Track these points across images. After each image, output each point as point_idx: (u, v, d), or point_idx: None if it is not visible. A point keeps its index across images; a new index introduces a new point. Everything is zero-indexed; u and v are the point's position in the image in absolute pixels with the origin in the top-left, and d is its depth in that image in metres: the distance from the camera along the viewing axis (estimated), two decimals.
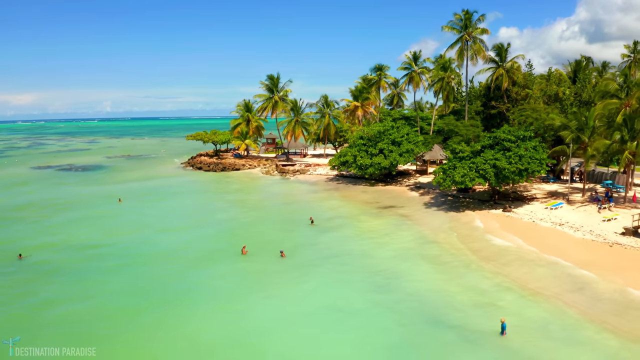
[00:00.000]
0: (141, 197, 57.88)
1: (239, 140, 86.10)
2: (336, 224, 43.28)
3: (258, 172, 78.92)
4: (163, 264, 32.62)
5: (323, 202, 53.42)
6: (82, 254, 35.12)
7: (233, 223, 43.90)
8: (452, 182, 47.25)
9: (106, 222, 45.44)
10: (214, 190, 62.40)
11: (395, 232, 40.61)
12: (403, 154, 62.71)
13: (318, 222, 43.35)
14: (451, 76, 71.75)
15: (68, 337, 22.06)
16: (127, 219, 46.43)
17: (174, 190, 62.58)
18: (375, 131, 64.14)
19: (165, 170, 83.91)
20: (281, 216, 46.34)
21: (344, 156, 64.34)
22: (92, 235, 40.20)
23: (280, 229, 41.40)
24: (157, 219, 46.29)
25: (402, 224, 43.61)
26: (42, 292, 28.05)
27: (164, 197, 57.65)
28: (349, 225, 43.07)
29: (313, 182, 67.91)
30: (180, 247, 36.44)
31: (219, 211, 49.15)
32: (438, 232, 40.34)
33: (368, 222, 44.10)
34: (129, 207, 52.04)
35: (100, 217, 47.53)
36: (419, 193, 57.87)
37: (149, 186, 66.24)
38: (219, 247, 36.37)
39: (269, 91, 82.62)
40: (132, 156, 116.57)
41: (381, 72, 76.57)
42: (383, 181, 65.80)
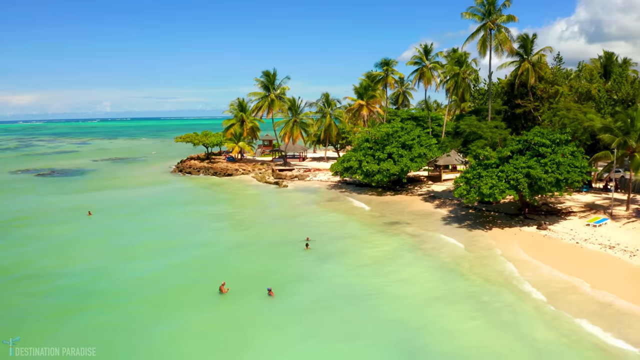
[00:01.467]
0: (115, 210, 50.42)
1: (232, 142, 78.64)
2: (337, 247, 35.76)
3: (252, 178, 71.44)
4: (115, 309, 25.12)
5: (323, 217, 45.92)
6: (13, 289, 27.69)
7: (215, 247, 36.33)
8: (478, 194, 39.76)
9: (64, 242, 38.00)
10: (200, 201, 54.85)
11: (410, 261, 33.11)
12: (415, 159, 55.27)
13: (316, 244, 35.87)
14: (467, 72, 64.20)
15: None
16: (90, 239, 38.97)
17: (154, 200, 55.10)
18: (383, 133, 56.69)
19: (151, 176, 76.46)
20: (273, 237, 38.81)
21: (348, 161, 56.90)
22: (38, 262, 32.78)
23: (270, 255, 33.86)
24: (126, 240, 38.79)
25: (417, 247, 36.08)
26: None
27: (141, 210, 50.16)
28: (352, 249, 35.53)
29: (312, 191, 60.40)
30: (144, 282, 28.95)
31: (201, 229, 41.64)
32: (465, 260, 32.78)
33: (376, 246, 36.48)
34: (97, 223, 44.60)
35: (59, 236, 40.12)
36: (434, 204, 50.34)
37: (128, 196, 58.80)
38: (193, 282, 28.89)
39: (264, 89, 75.12)
40: (121, 159, 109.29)
41: (388, 67, 69.03)
42: (391, 189, 58.30)
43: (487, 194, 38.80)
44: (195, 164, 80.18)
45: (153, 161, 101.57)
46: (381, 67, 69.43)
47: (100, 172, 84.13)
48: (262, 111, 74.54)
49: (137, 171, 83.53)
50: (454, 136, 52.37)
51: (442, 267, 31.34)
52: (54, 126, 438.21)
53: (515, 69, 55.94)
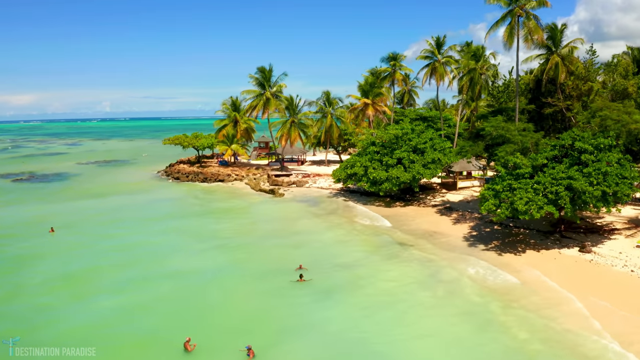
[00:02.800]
0: (84, 225, 43.74)
1: (224, 145, 71.89)
2: (339, 279, 28.95)
3: (245, 185, 64.66)
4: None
5: (322, 235, 39.15)
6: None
7: (191, 278, 29.48)
8: (511, 210, 32.98)
9: (7, 271, 31.27)
10: (182, 213, 47.97)
11: (429, 297, 26.39)
12: (428, 165, 48.48)
13: (313, 273, 29.14)
14: (484, 67, 57.37)
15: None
16: (41, 266, 32.25)
17: (131, 213, 48.35)
18: (391, 135, 49.93)
19: (135, 182, 69.70)
20: (263, 263, 32.03)
21: (352, 167, 50.17)
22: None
23: (256, 291, 27.01)
24: (85, 267, 32.00)
25: (437, 278, 29.30)
26: None
27: (113, 226, 43.39)
28: (358, 282, 28.70)
29: (311, 200, 53.62)
30: (87, 333, 22.15)
31: (178, 253, 34.81)
32: (504, 299, 26.00)
33: (387, 277, 29.60)
34: (57, 243, 37.96)
35: (4, 260, 33.44)
36: (452, 218, 43.56)
37: (103, 207, 52.02)
38: (153, 333, 22.17)
39: (259, 86, 68.31)
40: (108, 162, 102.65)
41: (396, 62, 62.14)
42: (401, 199, 51.54)
43: (523, 210, 32.01)
44: (185, 168, 73.46)
45: (142, 164, 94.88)
46: (388, 62, 62.55)
47: (81, 177, 77.45)
48: (257, 111, 67.72)
49: (121, 176, 76.81)
50: (473, 139, 45.52)
51: (473, 313, 24.47)
52: (51, 126, 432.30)
53: (542, 64, 49.21)
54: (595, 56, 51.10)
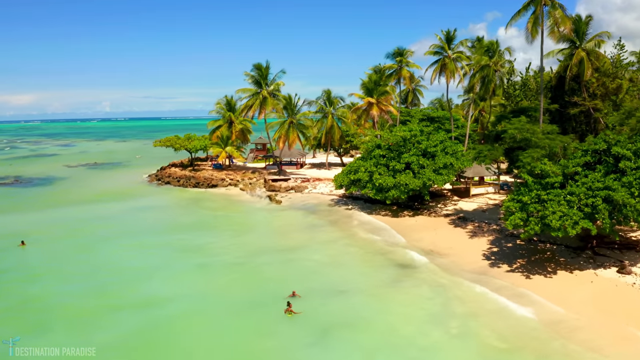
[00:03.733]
0: (59, 238, 39.40)
1: (218, 147, 67.40)
2: (337, 311, 24.42)
3: (240, 190, 60.18)
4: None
5: (320, 252, 34.66)
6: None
7: (163, 310, 24.93)
8: (542, 226, 28.54)
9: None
10: (168, 226, 43.33)
11: (443, 337, 21.93)
12: (440, 170, 44.02)
13: (308, 302, 24.76)
14: (499, 63, 52.81)
15: None
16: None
17: (112, 224, 43.75)
18: (399, 138, 45.48)
19: (123, 187, 65.27)
20: (248, 289, 27.56)
21: (356, 172, 45.72)
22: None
23: (238, 330, 22.43)
24: (48, 293, 27.63)
25: (451, 310, 24.84)
26: None
27: (88, 240, 38.93)
28: (358, 313, 24.29)
29: (311, 208, 49.15)
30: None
31: (154, 275, 30.19)
32: (532, 341, 21.55)
33: (392, 308, 25.11)
34: (25, 260, 33.68)
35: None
36: (467, 231, 39.07)
37: (84, 216, 47.62)
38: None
39: (255, 85, 63.80)
40: (99, 164, 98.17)
41: (402, 58, 57.58)
42: (409, 207, 47.07)
43: (557, 227, 27.53)
44: (176, 172, 68.97)
45: (133, 167, 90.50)
46: (393, 58, 58.03)
47: (67, 182, 72.96)
48: (253, 111, 63.20)
49: (109, 180, 72.37)
50: (491, 142, 41.05)
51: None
52: (49, 126, 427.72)
53: (565, 59, 44.73)
54: (623, 51, 46.59)
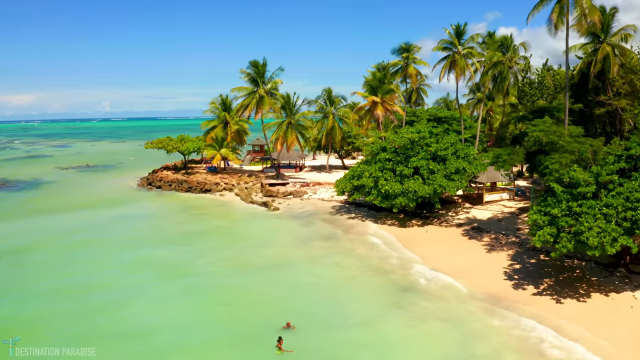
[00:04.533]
0: (33, 253, 35.71)
1: (212, 149, 63.63)
2: (334, 350, 20.67)
3: (235, 196, 56.38)
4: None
5: (318, 272, 30.69)
6: None
7: (140, 345, 21.23)
8: (576, 243, 24.81)
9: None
10: (154, 237, 39.35)
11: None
12: (451, 175, 40.27)
13: (300, 338, 21.02)
14: (514, 59, 49.05)
15: None
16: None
17: (93, 237, 39.79)
18: (406, 140, 41.72)
19: (112, 192, 61.53)
20: (238, 317, 23.79)
21: (359, 177, 41.97)
22: None
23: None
24: (6, 318, 23.89)
25: (470, 350, 20.98)
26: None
27: (66, 254, 35.17)
28: (358, 352, 20.50)
29: (310, 216, 45.36)
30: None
31: (133, 300, 26.41)
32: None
33: (399, 347, 21.23)
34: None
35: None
36: (483, 244, 35.30)
37: (66, 226, 43.83)
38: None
39: (252, 83, 60.03)
40: (91, 166, 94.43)
41: (409, 54, 53.76)
42: (417, 215, 43.34)
43: (594, 245, 23.78)
44: (168, 175, 65.21)
45: (125, 169, 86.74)
46: (399, 54, 54.24)
47: (55, 186, 69.18)
48: (249, 110, 59.43)
49: (98, 184, 68.57)
50: (510, 145, 37.30)
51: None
52: (47, 127, 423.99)
53: (588, 54, 40.97)
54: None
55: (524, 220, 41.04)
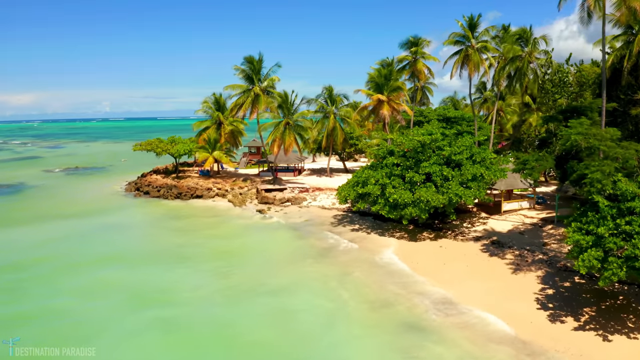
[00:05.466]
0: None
1: (204, 151, 59.23)
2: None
3: (228, 203, 51.99)
4: None
5: (313, 300, 26.14)
6: None
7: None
8: (628, 269, 20.45)
9: None
10: (130, 253, 34.64)
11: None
12: (468, 183, 35.88)
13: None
14: (534, 54, 44.65)
15: None
16: None
17: (64, 251, 35.40)
18: (416, 142, 37.34)
19: (96, 198, 57.08)
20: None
21: (364, 184, 37.59)
22: None
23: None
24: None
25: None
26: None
27: (31, 274, 30.71)
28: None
29: (308, 227, 40.95)
30: None
31: (95, 336, 21.95)
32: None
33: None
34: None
35: None
36: (506, 262, 30.89)
37: (38, 239, 39.27)
38: None
39: (247, 80, 55.64)
40: (79, 169, 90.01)
41: (417, 48, 49.26)
42: (429, 226, 39.01)
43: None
44: (157, 180, 60.79)
45: (115, 172, 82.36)
46: (407, 48, 49.83)
47: (37, 191, 64.69)
48: (244, 110, 55.04)
49: (82, 189, 64.10)
50: (538, 148, 32.86)
51: None
52: (45, 127, 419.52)
53: (621, 47, 36.53)
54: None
55: (549, 232, 36.72)
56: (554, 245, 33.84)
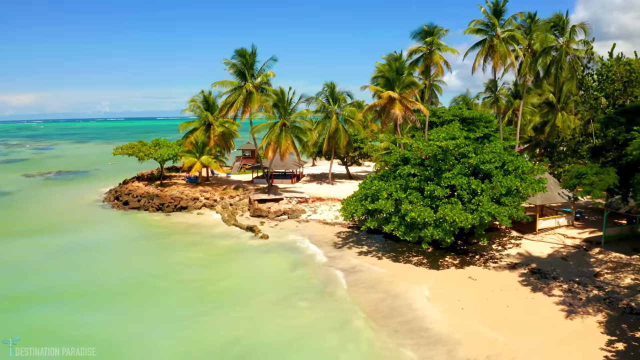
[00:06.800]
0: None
1: (191, 156, 52.80)
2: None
3: (217, 216, 45.62)
4: None
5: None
6: None
7: None
8: None
9: None
10: (89, 287, 27.85)
11: None
12: (501, 198, 29.47)
13: None
14: (571, 44, 38.24)
15: None
16: None
17: (11, 282, 29.09)
18: (436, 148, 30.94)
19: (68, 210, 50.67)
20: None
21: (374, 199, 31.25)
22: None
23: None
24: None
25: None
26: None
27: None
28: None
29: (307, 251, 34.48)
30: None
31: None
32: None
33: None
34: None
35: None
36: (556, 302, 24.48)
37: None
38: None
39: (238, 76, 49.25)
40: (62, 173, 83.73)
41: (434, 38, 42.80)
42: (451, 248, 32.61)
43: None
44: (139, 188, 54.34)
45: (100, 177, 76.04)
46: (420, 38, 43.39)
47: (7, 200, 58.29)
48: (235, 109, 48.64)
49: (58, 198, 57.67)
50: (589, 158, 26.46)
51: None
52: (42, 127, 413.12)
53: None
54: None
55: (598, 258, 30.31)
56: (609, 276, 27.47)
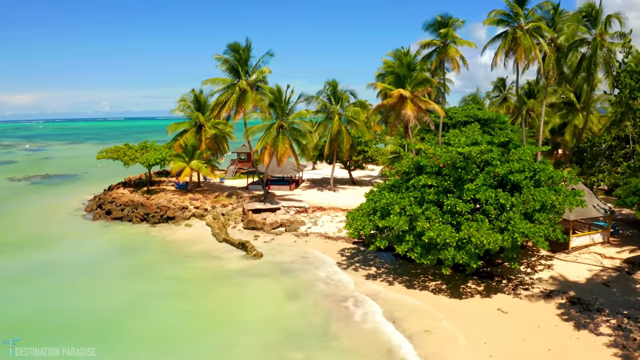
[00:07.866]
0: None
1: (180, 160, 48.34)
2: None
3: (206, 228, 41.16)
4: None
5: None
6: None
7: None
8: None
9: None
10: (45, 322, 23.47)
11: None
12: (534, 215, 25.08)
13: None
14: (604, 36, 33.80)
15: None
16: None
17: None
18: (456, 155, 26.51)
19: (44, 220, 46.16)
20: None
21: (384, 213, 26.91)
22: None
23: None
24: None
25: None
26: None
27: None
28: None
29: (306, 274, 30.00)
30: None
31: None
32: None
33: None
34: None
35: None
36: (607, 344, 20.08)
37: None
38: None
39: (231, 73, 44.87)
40: (48, 177, 79.27)
41: (448, 29, 38.20)
42: (474, 271, 28.14)
43: None
44: (124, 195, 49.86)
45: (87, 182, 71.58)
46: (434, 30, 38.88)
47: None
48: (228, 109, 44.24)
49: (37, 206, 53.14)
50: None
51: None
52: (42, 127, 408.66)
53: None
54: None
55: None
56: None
